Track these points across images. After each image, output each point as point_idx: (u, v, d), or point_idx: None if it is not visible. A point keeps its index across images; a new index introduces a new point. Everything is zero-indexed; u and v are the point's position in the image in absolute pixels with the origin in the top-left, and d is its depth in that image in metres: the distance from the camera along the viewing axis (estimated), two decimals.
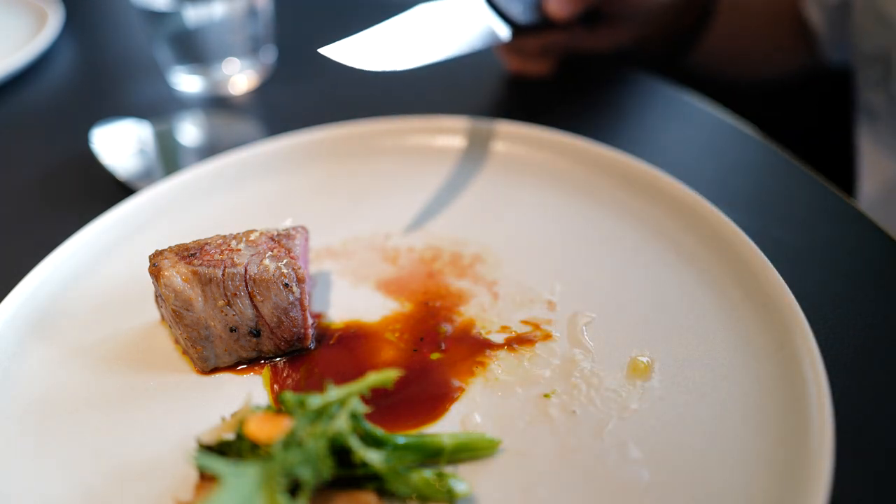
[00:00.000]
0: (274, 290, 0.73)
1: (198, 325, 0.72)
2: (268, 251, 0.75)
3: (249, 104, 1.32)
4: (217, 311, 0.72)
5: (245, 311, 0.73)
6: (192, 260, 0.73)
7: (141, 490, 0.64)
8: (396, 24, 0.95)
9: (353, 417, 0.60)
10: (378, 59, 0.89)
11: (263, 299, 0.73)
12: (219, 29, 1.29)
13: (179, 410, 0.72)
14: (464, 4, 1.04)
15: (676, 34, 1.36)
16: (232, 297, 0.72)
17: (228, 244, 0.76)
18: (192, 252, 0.74)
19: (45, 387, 0.75)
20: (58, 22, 1.56)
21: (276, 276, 0.73)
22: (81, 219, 0.94)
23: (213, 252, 0.74)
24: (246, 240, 0.76)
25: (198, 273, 0.72)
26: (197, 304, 0.72)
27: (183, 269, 0.72)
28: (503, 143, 1.04)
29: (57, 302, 0.84)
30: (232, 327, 0.73)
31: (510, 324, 0.78)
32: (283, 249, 0.76)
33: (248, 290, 0.73)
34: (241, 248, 0.75)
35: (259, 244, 0.76)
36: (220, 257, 0.73)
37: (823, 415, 0.60)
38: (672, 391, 0.68)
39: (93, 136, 1.16)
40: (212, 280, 0.72)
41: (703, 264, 0.81)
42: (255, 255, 0.74)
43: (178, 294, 0.71)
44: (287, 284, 0.73)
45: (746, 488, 0.59)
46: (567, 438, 0.65)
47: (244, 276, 0.72)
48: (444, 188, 0.99)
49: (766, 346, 0.69)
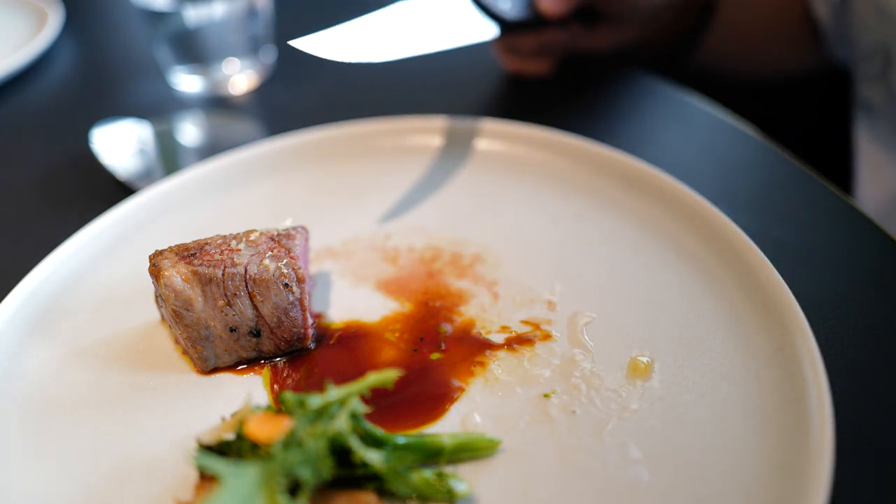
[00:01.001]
0: (274, 290, 0.73)
1: (198, 325, 0.72)
2: (268, 251, 0.75)
3: (249, 104, 1.32)
4: (217, 311, 0.72)
5: (245, 311, 0.73)
6: (192, 260, 0.73)
7: (141, 490, 0.64)
8: (377, 18, 0.94)
9: (353, 417, 0.60)
10: (354, 51, 0.89)
11: (263, 299, 0.73)
12: (219, 29, 1.29)
13: (179, 410, 0.72)
14: (449, 1, 1.03)
15: (678, 34, 1.36)
16: (232, 297, 0.72)
17: (228, 244, 0.76)
18: (193, 252, 0.74)
19: (45, 387, 0.75)
20: (58, 22, 1.56)
21: (276, 276, 0.73)
22: (81, 219, 0.94)
23: (213, 252, 0.74)
24: (246, 240, 0.76)
25: (198, 273, 0.72)
26: (197, 304, 0.72)
27: (183, 269, 0.72)
28: (503, 143, 1.04)
29: (57, 302, 0.84)
30: (232, 327, 0.73)
31: (510, 324, 0.78)
32: (283, 249, 0.76)
33: (248, 290, 0.73)
34: (241, 248, 0.75)
35: (259, 244, 0.76)
36: (220, 257, 0.73)
37: (823, 415, 0.60)
38: (672, 391, 0.68)
39: (93, 136, 1.16)
40: (212, 280, 0.72)
41: (703, 264, 0.81)
42: (255, 255, 0.74)
43: (178, 294, 0.71)
44: (287, 284, 0.73)
45: (746, 488, 0.59)
46: (567, 438, 0.65)
47: (244, 276, 0.72)
48: (444, 188, 0.99)
49: (766, 346, 0.69)
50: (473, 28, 1.04)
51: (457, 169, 1.02)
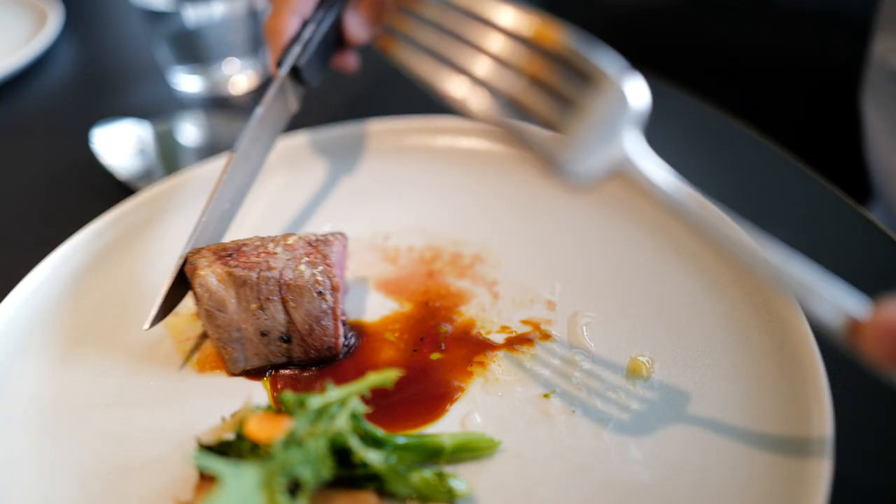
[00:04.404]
0: (307, 297, 0.71)
1: (229, 327, 0.72)
2: (304, 256, 0.73)
3: (249, 104, 1.32)
4: (249, 314, 0.72)
5: (277, 315, 0.72)
6: (228, 260, 0.72)
7: (141, 490, 0.64)
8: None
9: (353, 417, 0.60)
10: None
11: (296, 305, 0.71)
12: (219, 29, 1.29)
13: (179, 410, 0.72)
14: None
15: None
16: (265, 301, 0.71)
17: (266, 246, 0.74)
18: (230, 252, 0.73)
19: (45, 387, 0.75)
20: (58, 22, 1.56)
21: (311, 283, 0.71)
22: (81, 219, 0.94)
23: (249, 253, 0.73)
24: (284, 243, 0.75)
25: (233, 274, 0.71)
26: (230, 305, 0.71)
27: (219, 269, 0.71)
28: (503, 143, 1.04)
29: (57, 302, 0.84)
30: (263, 331, 0.72)
31: (510, 324, 0.78)
32: (320, 255, 0.74)
33: (281, 295, 0.71)
34: (277, 252, 0.73)
35: (296, 248, 0.74)
36: (256, 259, 0.72)
37: (823, 415, 0.60)
38: (672, 391, 0.68)
39: (93, 136, 1.16)
40: (246, 282, 0.71)
41: (703, 264, 0.81)
42: (291, 260, 0.73)
43: (211, 294, 0.70)
44: (321, 292, 0.71)
45: (746, 488, 0.59)
46: (567, 438, 0.65)
47: (279, 280, 0.71)
48: (444, 188, 0.99)
49: (766, 346, 0.69)
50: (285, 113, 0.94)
51: (457, 169, 1.02)
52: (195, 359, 0.77)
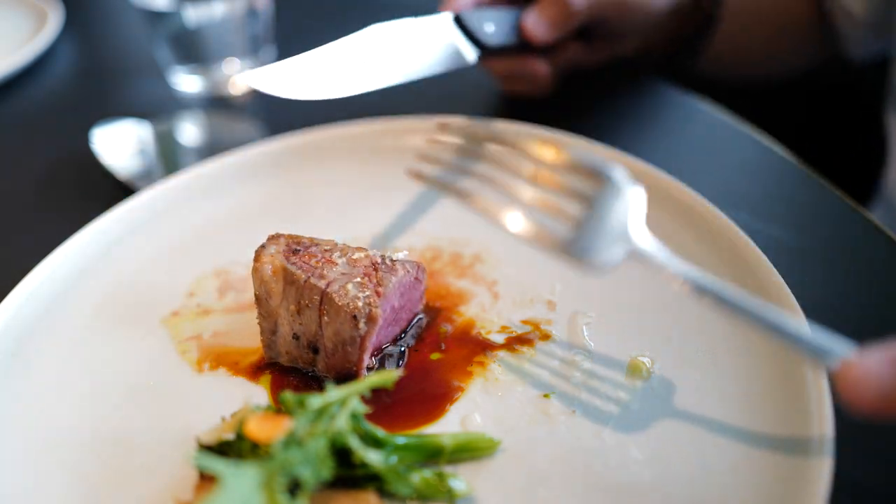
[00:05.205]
0: (341, 318, 0.69)
1: (270, 318, 0.73)
2: (358, 276, 0.71)
3: (249, 104, 1.32)
4: (288, 313, 0.72)
5: (310, 324, 0.71)
6: (291, 256, 0.72)
7: (141, 490, 0.64)
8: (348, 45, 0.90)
9: (353, 417, 0.60)
10: (311, 85, 0.84)
11: (329, 321, 0.70)
12: (219, 29, 1.29)
13: (179, 410, 0.72)
14: (428, 24, 0.98)
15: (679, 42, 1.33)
16: (304, 306, 0.71)
17: (331, 254, 0.73)
18: (299, 248, 0.74)
19: (45, 387, 0.75)
20: (58, 22, 1.56)
21: (350, 305, 0.69)
22: (81, 219, 0.94)
23: (315, 254, 0.73)
24: (349, 256, 0.73)
25: (287, 271, 0.71)
26: (275, 299, 0.72)
27: (279, 261, 0.72)
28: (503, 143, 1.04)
29: (57, 302, 0.83)
30: (296, 334, 0.73)
31: (510, 324, 0.78)
32: (374, 281, 0.71)
33: (320, 306, 0.70)
34: (338, 263, 0.72)
35: (357, 265, 0.72)
36: (315, 263, 0.72)
37: (823, 415, 0.60)
38: (672, 391, 0.68)
39: (93, 136, 1.16)
40: (294, 282, 0.71)
41: (703, 264, 0.81)
42: (344, 275, 0.71)
43: (262, 283, 0.72)
44: (356, 318, 0.68)
45: (746, 488, 0.59)
46: (567, 438, 0.65)
47: (323, 290, 0.70)
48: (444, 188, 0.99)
49: (766, 346, 0.69)
50: (453, 53, 0.99)
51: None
52: (195, 359, 0.77)
